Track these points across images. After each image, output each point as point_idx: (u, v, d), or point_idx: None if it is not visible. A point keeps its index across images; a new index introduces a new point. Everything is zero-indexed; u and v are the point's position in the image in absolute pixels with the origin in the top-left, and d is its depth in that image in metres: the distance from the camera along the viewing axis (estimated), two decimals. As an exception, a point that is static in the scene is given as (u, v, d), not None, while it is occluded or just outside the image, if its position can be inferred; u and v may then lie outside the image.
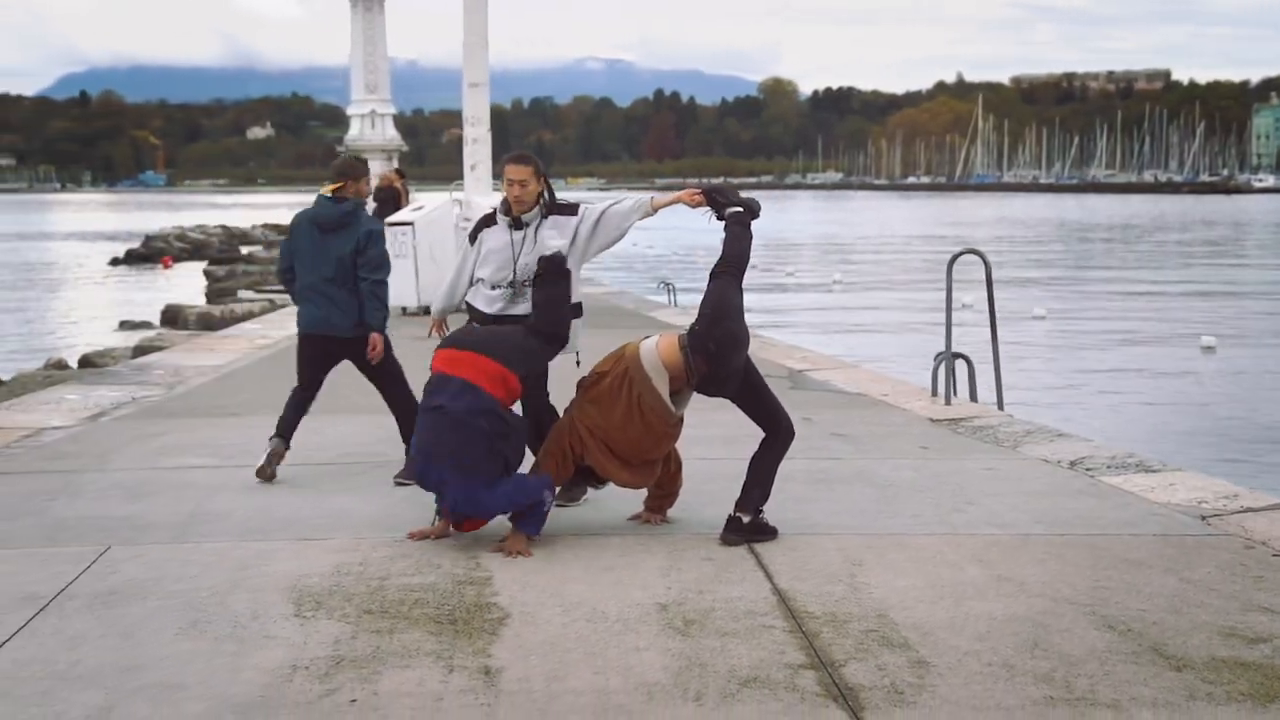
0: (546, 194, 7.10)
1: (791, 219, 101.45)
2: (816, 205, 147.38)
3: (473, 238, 7.30)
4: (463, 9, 18.03)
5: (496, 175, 16.33)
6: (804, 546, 6.26)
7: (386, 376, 8.03)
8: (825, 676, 4.62)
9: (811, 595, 5.52)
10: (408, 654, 4.82)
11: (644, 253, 55.11)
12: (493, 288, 7.12)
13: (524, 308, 7.03)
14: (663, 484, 6.68)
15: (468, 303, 7.35)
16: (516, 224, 7.06)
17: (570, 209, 7.12)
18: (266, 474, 7.72)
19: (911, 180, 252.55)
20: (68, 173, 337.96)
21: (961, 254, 11.16)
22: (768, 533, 6.39)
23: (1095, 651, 4.85)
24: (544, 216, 7.06)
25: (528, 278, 6.99)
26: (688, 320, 6.81)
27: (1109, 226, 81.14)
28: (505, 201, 7.09)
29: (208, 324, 22.07)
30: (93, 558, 6.07)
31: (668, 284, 25.27)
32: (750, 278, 6.72)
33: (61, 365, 17.75)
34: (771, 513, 6.47)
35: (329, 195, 7.77)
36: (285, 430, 7.98)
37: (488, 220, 7.21)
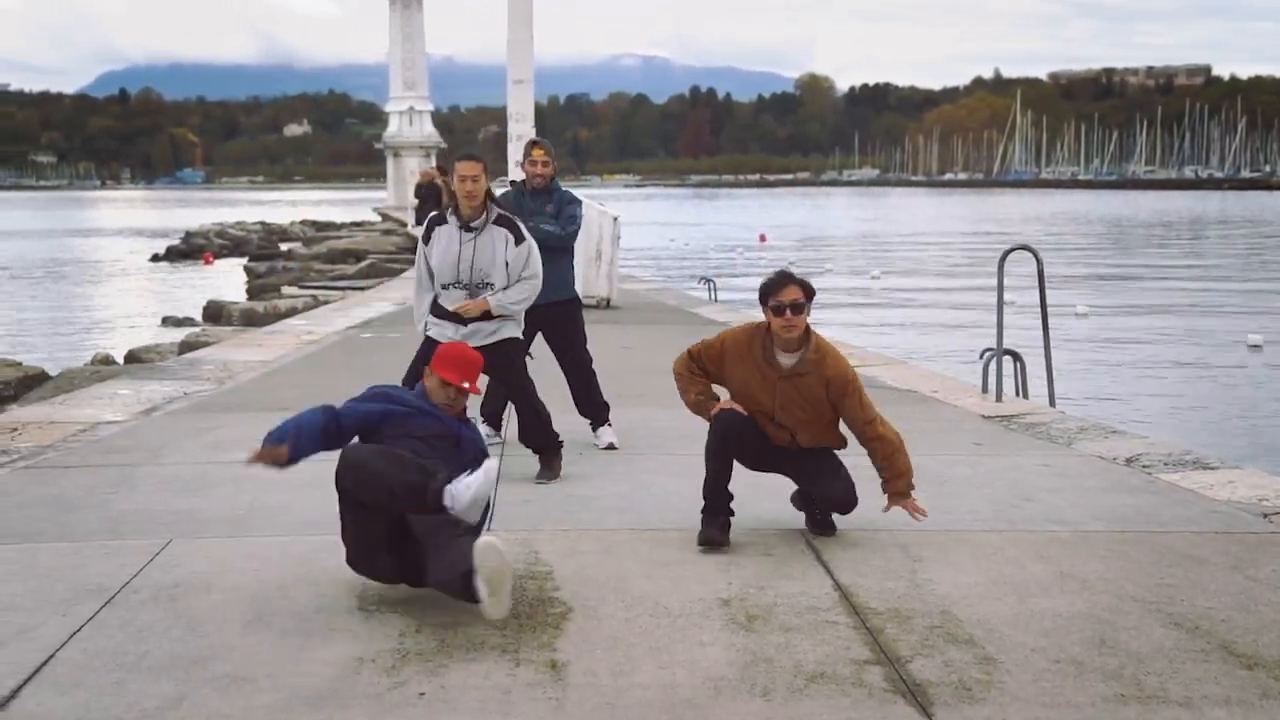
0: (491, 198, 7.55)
1: (829, 216, 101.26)
2: (853, 202, 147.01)
3: (426, 238, 7.68)
4: (507, 6, 18.05)
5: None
6: (863, 542, 6.25)
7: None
8: (892, 672, 4.60)
9: (873, 591, 5.51)
10: (473, 648, 4.83)
11: (680, 248, 55.14)
12: (444, 287, 7.58)
13: None
14: None
15: (435, 302, 7.74)
16: (466, 227, 7.46)
17: (515, 230, 7.51)
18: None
19: (949, 177, 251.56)
20: (107, 170, 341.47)
21: (1014, 250, 11.10)
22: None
23: (1163, 649, 4.81)
24: (492, 221, 7.48)
25: (481, 280, 7.49)
26: (732, 317, 6.81)
27: (1150, 223, 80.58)
28: (454, 203, 7.52)
29: (250, 320, 22.19)
30: (155, 550, 6.11)
31: (708, 280, 25.27)
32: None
33: (108, 361, 17.87)
34: (830, 508, 6.46)
35: None
36: None
37: (438, 220, 7.62)
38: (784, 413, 6.30)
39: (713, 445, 6.29)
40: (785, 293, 6.11)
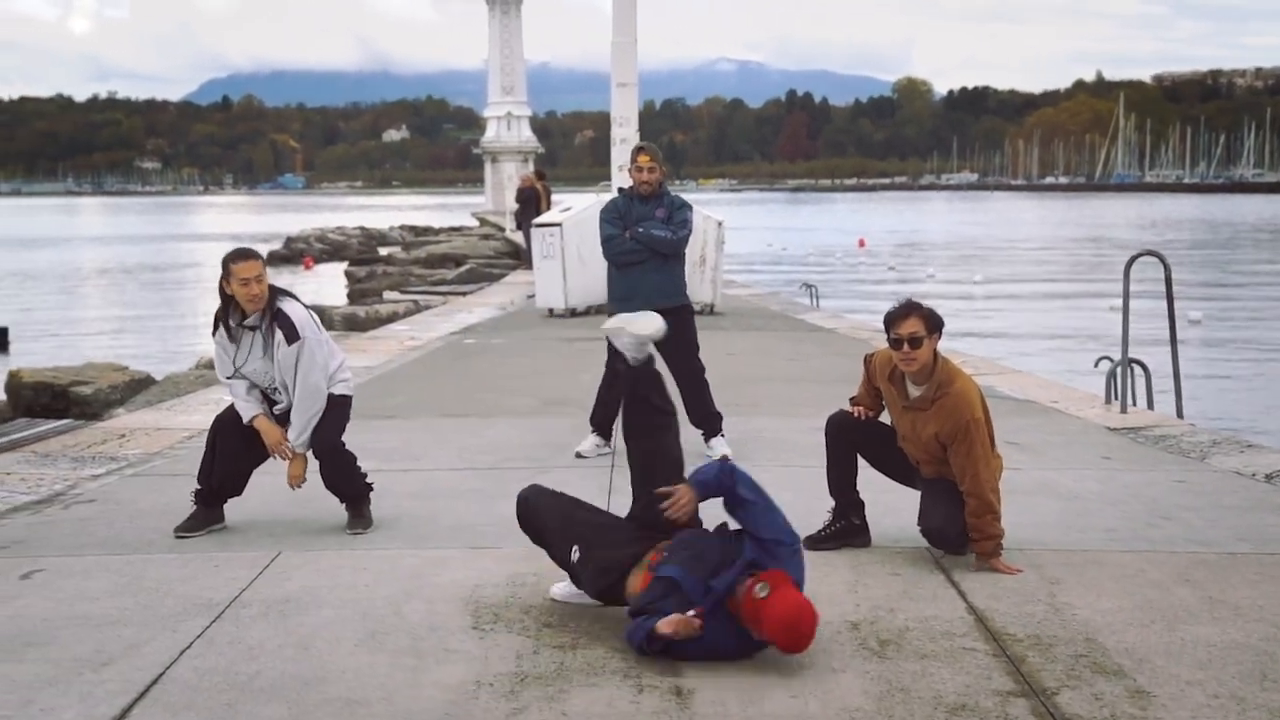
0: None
1: (929, 220, 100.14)
2: (953, 206, 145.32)
3: (216, 328, 6.74)
4: (612, 10, 17.88)
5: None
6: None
7: None
8: (1039, 705, 4.32)
9: (1011, 616, 5.22)
10: (593, 672, 4.62)
11: (779, 253, 54.72)
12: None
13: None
14: None
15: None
16: (243, 327, 6.63)
17: (291, 329, 6.61)
18: None
19: (1049, 180, 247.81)
20: (210, 176, 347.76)
21: (1140, 255, 10.71)
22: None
23: (1331, 684, 4.49)
24: (270, 320, 6.59)
25: (269, 385, 6.72)
26: (837, 324, 6.55)
27: (1264, 227, 78.71)
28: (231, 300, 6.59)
29: (352, 324, 22.17)
30: (265, 564, 5.98)
31: (810, 286, 24.95)
32: (885, 278, 6.44)
33: (211, 365, 17.92)
34: (957, 526, 6.16)
35: None
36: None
37: (224, 314, 6.67)
38: (906, 442, 6.07)
39: (825, 442, 6.32)
40: (904, 325, 5.82)
